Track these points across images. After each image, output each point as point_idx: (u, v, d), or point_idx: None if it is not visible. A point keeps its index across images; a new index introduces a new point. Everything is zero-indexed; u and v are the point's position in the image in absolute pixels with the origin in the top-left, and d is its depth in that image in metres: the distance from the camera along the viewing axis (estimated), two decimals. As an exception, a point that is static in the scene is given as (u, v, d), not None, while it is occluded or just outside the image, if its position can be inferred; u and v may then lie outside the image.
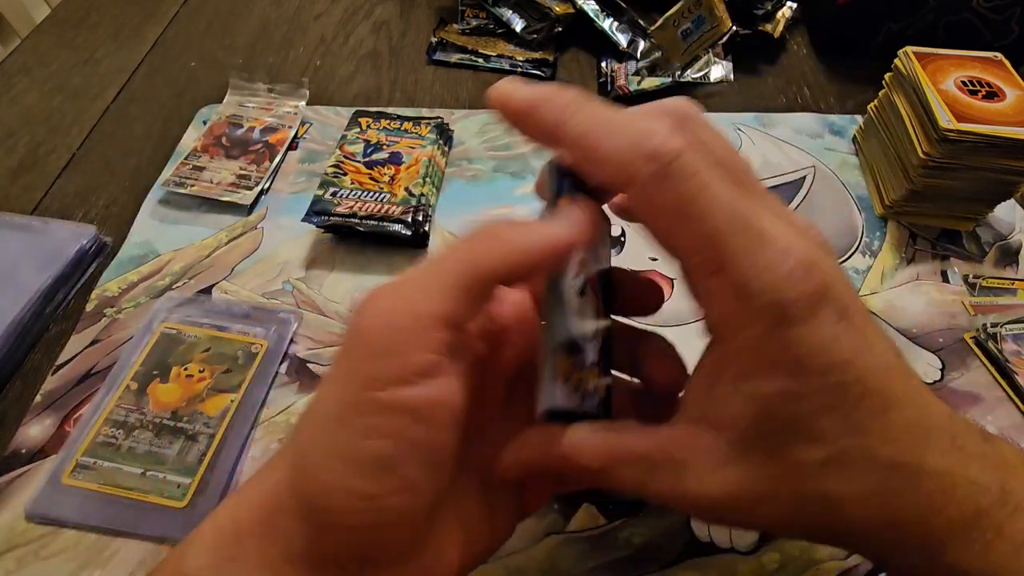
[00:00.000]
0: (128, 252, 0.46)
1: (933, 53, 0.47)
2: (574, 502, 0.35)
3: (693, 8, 0.56)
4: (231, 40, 0.66)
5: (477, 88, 0.61)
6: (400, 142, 0.50)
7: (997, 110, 0.43)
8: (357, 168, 0.48)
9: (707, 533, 0.34)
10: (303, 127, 0.56)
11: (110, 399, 0.37)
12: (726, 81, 0.60)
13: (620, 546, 0.34)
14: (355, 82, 0.61)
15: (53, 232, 0.45)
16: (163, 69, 0.62)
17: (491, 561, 0.33)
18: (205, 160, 0.51)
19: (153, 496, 0.34)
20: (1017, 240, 0.48)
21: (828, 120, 0.57)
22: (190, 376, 0.39)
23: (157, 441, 0.36)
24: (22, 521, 0.34)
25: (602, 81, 0.60)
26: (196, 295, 0.44)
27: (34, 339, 0.41)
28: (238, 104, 0.56)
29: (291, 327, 0.42)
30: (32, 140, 0.55)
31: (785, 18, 0.63)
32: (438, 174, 0.50)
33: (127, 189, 0.51)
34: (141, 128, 0.56)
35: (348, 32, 0.67)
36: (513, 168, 0.52)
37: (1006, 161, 0.43)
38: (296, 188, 0.51)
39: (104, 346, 0.41)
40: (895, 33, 0.61)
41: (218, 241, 0.47)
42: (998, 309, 0.44)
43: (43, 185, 0.51)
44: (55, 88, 0.60)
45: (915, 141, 0.45)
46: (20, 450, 0.36)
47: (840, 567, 0.33)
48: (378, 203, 0.45)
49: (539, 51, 0.63)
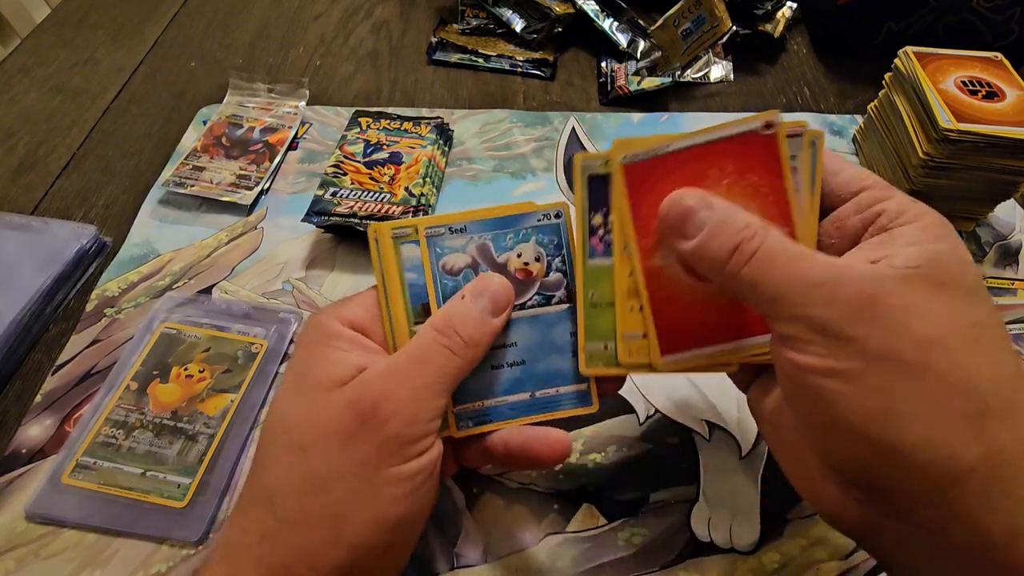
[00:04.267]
0: (128, 252, 0.46)
1: (933, 53, 0.47)
2: (574, 502, 0.35)
3: (693, 8, 0.56)
4: (231, 40, 0.66)
5: (477, 88, 0.61)
6: (400, 142, 0.50)
7: (997, 110, 0.43)
8: (357, 168, 0.48)
9: (707, 533, 0.34)
10: (303, 127, 0.56)
11: (110, 399, 0.37)
12: (726, 81, 0.60)
13: (620, 546, 0.34)
14: (355, 82, 0.61)
15: (53, 232, 0.45)
16: (163, 69, 0.62)
17: (491, 561, 0.33)
18: (205, 160, 0.51)
19: (153, 496, 0.34)
20: (1017, 240, 0.48)
21: (828, 120, 0.57)
22: (190, 376, 0.39)
23: (157, 441, 0.36)
24: (22, 521, 0.34)
25: (602, 81, 0.60)
26: (196, 295, 0.44)
27: (34, 339, 0.41)
28: (238, 104, 0.56)
29: (291, 327, 0.42)
30: (32, 140, 0.55)
31: (785, 18, 0.63)
32: (438, 174, 0.50)
33: (127, 189, 0.51)
34: (141, 128, 0.56)
35: (348, 32, 0.67)
36: (513, 168, 0.52)
37: (1006, 161, 0.43)
38: (296, 188, 0.51)
39: (104, 346, 0.41)
40: (895, 33, 0.61)
41: (218, 241, 0.47)
42: (998, 309, 0.44)
43: (43, 185, 0.51)
44: (55, 88, 0.60)
45: (915, 141, 0.45)
46: (20, 450, 0.36)
47: (841, 567, 0.33)
48: (378, 203, 0.45)
49: (539, 51, 0.63)
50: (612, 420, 0.38)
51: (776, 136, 0.26)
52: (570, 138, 0.55)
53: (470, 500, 0.35)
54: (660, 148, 0.26)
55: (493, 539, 0.34)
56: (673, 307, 0.27)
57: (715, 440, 0.37)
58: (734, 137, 0.26)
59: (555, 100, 0.60)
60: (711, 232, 0.24)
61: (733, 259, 0.23)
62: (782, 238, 0.24)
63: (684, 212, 0.25)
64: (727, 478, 0.36)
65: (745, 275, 0.23)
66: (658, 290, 0.27)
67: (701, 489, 0.36)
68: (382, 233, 0.28)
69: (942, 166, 0.44)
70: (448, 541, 0.34)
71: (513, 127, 0.56)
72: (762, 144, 0.26)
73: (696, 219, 0.24)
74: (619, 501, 0.35)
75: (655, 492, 0.35)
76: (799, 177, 0.26)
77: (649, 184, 0.26)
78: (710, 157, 0.26)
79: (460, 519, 0.34)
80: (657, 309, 0.27)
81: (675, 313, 0.27)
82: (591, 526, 0.34)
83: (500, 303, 0.28)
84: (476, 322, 0.27)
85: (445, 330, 0.26)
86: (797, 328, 0.22)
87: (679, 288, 0.27)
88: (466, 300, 0.27)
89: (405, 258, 0.28)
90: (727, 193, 0.26)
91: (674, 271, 0.27)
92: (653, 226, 0.27)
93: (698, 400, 0.39)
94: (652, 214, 0.26)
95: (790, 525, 0.34)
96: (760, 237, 0.23)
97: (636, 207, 0.27)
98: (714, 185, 0.26)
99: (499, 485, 0.36)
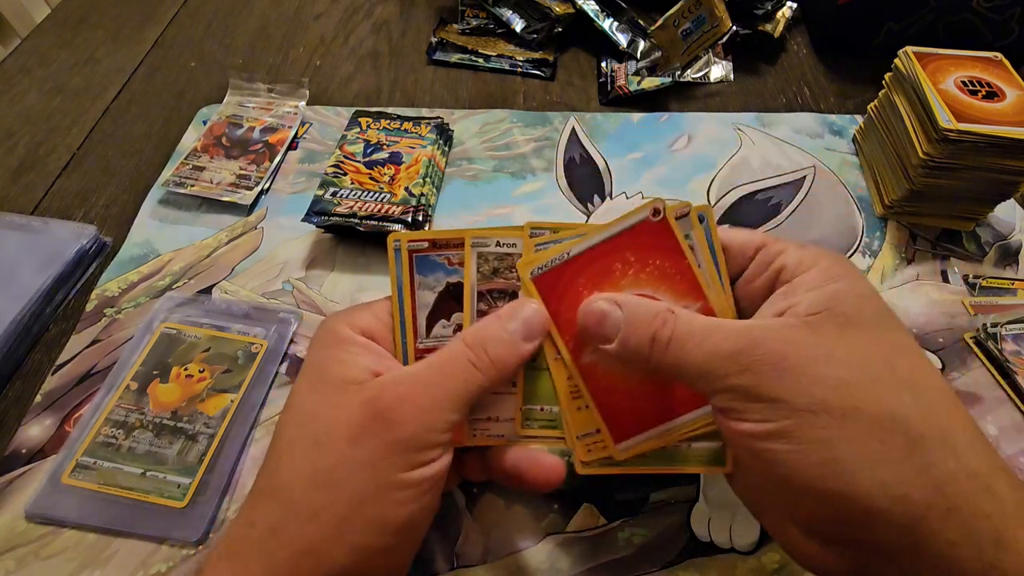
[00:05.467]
0: (128, 252, 0.46)
1: (933, 53, 0.47)
2: (574, 502, 0.35)
3: (693, 8, 0.56)
4: (231, 40, 0.66)
5: (477, 88, 0.61)
6: (400, 142, 0.50)
7: (997, 110, 0.43)
8: (357, 168, 0.48)
9: (707, 533, 0.34)
10: (303, 127, 0.56)
11: (110, 399, 0.37)
12: (726, 81, 0.60)
13: (620, 546, 0.34)
14: (355, 82, 0.61)
15: (53, 232, 0.45)
16: (163, 69, 0.62)
17: (491, 561, 0.33)
18: (205, 160, 0.51)
19: (153, 496, 0.34)
20: (1017, 240, 0.48)
21: (828, 120, 0.57)
22: (190, 376, 0.39)
23: (157, 441, 0.36)
24: (22, 521, 0.34)
25: (602, 81, 0.60)
26: (196, 295, 0.44)
27: (34, 339, 0.41)
28: (238, 104, 0.56)
29: (291, 327, 0.42)
30: (32, 140, 0.55)
31: (785, 18, 0.63)
32: (438, 174, 0.50)
33: (127, 189, 0.51)
34: (141, 128, 0.56)
35: (348, 32, 0.67)
36: (513, 168, 0.52)
37: (1006, 161, 0.43)
38: (296, 188, 0.51)
39: (104, 346, 0.41)
40: (895, 33, 0.61)
41: (218, 241, 0.47)
42: (998, 309, 0.44)
43: (43, 185, 0.51)
44: (55, 88, 0.60)
45: (915, 141, 0.45)
46: (20, 450, 0.36)
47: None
48: (378, 203, 0.45)
49: (539, 51, 0.63)
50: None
51: (666, 220, 0.27)
52: (570, 138, 0.55)
53: (470, 500, 0.35)
54: (561, 256, 0.28)
55: (493, 539, 0.34)
56: (616, 397, 0.28)
57: (715, 440, 0.37)
58: (627, 230, 0.27)
59: (555, 100, 0.60)
60: (627, 331, 0.25)
61: (652, 349, 0.25)
62: (691, 317, 0.25)
63: (598, 318, 0.26)
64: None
65: (667, 361, 0.25)
66: (597, 384, 0.28)
67: (701, 489, 0.36)
68: (404, 243, 0.28)
69: (942, 166, 0.44)
70: (448, 541, 0.34)
71: (513, 127, 0.56)
72: (656, 230, 0.27)
73: (610, 321, 0.26)
74: (619, 501, 0.35)
75: (655, 492, 0.35)
76: (699, 253, 0.27)
77: (560, 289, 0.28)
78: (611, 253, 0.27)
79: (460, 519, 0.34)
80: (601, 403, 0.28)
81: (619, 402, 0.28)
82: (591, 526, 0.34)
83: (533, 330, 0.27)
84: (507, 344, 0.27)
85: (474, 346, 0.26)
86: (729, 398, 0.23)
87: (617, 378, 0.28)
88: (500, 320, 0.27)
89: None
90: (635, 282, 0.27)
91: (607, 363, 0.28)
92: (574, 328, 0.28)
93: (698, 400, 0.39)
94: (571, 316, 0.28)
95: (790, 525, 0.34)
96: (670, 323, 0.24)
97: (555, 314, 0.28)
98: (621, 277, 0.27)
99: (499, 485, 0.36)
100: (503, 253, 0.29)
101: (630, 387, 0.28)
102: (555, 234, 0.28)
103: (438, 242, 0.29)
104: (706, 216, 0.28)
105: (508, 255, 0.29)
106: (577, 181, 0.51)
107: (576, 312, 0.27)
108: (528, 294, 0.28)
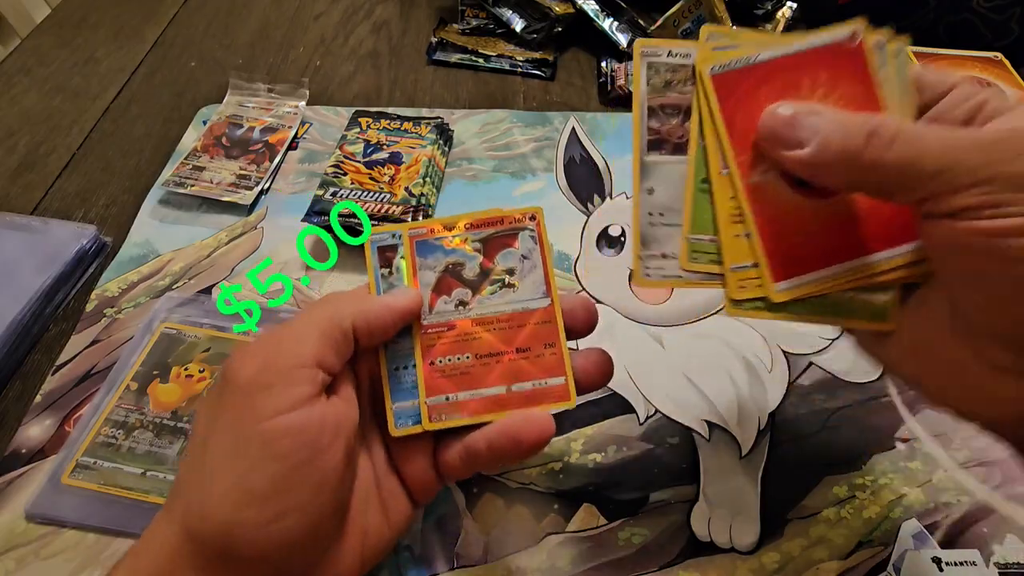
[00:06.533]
0: (128, 252, 0.46)
1: (933, 53, 0.47)
2: (574, 502, 0.35)
3: (693, 8, 0.56)
4: (231, 40, 0.66)
5: (477, 88, 0.61)
6: (400, 142, 0.50)
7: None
8: (357, 168, 0.48)
9: (707, 533, 0.34)
10: (303, 127, 0.56)
11: (110, 399, 0.37)
12: (726, 81, 0.60)
13: (620, 546, 0.34)
14: (355, 82, 0.61)
15: (53, 232, 0.45)
16: (163, 69, 0.62)
17: (491, 561, 0.33)
18: (205, 160, 0.51)
19: (153, 496, 0.34)
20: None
21: (828, 120, 0.57)
22: (190, 376, 0.39)
23: (157, 441, 0.36)
24: (22, 521, 0.34)
25: (602, 81, 0.60)
26: (196, 295, 0.44)
27: (34, 339, 0.41)
28: (238, 104, 0.56)
29: (291, 327, 0.42)
30: (32, 140, 0.55)
31: (785, 18, 0.63)
32: (438, 174, 0.50)
33: (127, 189, 0.51)
34: (141, 128, 0.56)
35: (348, 32, 0.67)
36: (513, 168, 0.52)
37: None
38: (296, 188, 0.51)
39: (104, 346, 0.41)
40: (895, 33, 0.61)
41: (218, 241, 0.47)
42: None
43: (43, 185, 0.51)
44: (55, 88, 0.60)
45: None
46: (20, 450, 0.36)
47: (840, 567, 0.33)
48: (378, 203, 0.45)
49: (539, 51, 0.63)
50: (612, 420, 0.38)
51: (862, 47, 0.24)
52: (570, 138, 0.55)
53: (470, 500, 0.35)
54: (746, 60, 0.24)
55: (493, 539, 0.34)
56: (782, 227, 0.25)
57: (715, 440, 0.37)
58: (820, 47, 0.24)
59: (555, 100, 0.60)
60: (829, 133, 0.22)
61: (871, 146, 0.21)
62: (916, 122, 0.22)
63: (789, 120, 0.23)
64: (727, 478, 0.36)
65: (892, 158, 0.21)
66: (763, 210, 0.25)
67: (701, 489, 0.36)
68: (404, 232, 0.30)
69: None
70: (448, 541, 0.34)
71: (513, 127, 0.56)
72: (849, 55, 0.24)
73: (807, 123, 0.22)
74: (619, 501, 0.35)
75: (655, 492, 0.35)
76: (888, 87, 0.25)
77: (739, 95, 0.24)
78: (801, 67, 0.24)
79: (460, 519, 0.34)
80: (765, 232, 0.25)
81: (785, 233, 0.25)
82: (591, 526, 0.34)
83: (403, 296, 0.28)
84: (375, 297, 0.27)
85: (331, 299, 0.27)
86: (983, 193, 0.20)
87: (788, 205, 0.25)
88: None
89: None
90: (822, 103, 0.24)
91: (776, 188, 0.24)
92: (748, 141, 0.24)
93: (698, 400, 0.39)
94: (747, 127, 0.24)
95: (790, 525, 0.34)
96: (892, 122, 0.21)
97: (729, 122, 0.25)
98: (808, 96, 0.24)
99: (499, 485, 0.36)
100: (676, 64, 0.26)
101: (801, 218, 0.25)
102: (736, 39, 0.25)
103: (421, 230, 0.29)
104: (901, 51, 0.25)
105: (682, 66, 0.26)
106: (577, 181, 0.51)
107: (754, 122, 0.24)
108: (707, 93, 0.25)
